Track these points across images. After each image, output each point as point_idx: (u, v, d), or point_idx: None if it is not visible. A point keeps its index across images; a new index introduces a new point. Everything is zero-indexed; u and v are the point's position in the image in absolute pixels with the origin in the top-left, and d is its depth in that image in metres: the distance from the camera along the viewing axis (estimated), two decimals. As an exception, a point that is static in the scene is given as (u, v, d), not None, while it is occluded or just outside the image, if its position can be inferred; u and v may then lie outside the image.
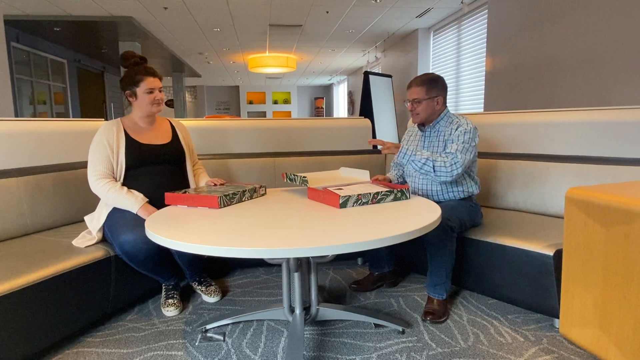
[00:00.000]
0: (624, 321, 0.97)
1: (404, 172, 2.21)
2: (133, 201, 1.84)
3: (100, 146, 1.89)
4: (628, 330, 0.96)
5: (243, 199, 1.83)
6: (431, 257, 1.88)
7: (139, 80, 1.93)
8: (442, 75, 6.49)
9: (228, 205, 1.74)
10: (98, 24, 6.37)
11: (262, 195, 1.98)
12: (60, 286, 1.60)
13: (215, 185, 2.04)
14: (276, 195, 1.96)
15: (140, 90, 1.94)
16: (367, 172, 2.03)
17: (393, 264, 2.25)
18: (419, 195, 2.07)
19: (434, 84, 1.99)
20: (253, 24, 6.70)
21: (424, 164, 1.89)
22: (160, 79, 2.01)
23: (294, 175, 1.99)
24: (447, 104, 2.40)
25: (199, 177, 2.19)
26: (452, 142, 1.94)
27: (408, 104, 2.03)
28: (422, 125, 2.11)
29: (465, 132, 1.92)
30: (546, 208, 2.22)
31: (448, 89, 6.34)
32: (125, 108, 7.20)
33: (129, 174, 1.93)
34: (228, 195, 1.74)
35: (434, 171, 1.88)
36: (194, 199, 1.73)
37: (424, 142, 2.09)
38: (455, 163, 1.87)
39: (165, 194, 1.80)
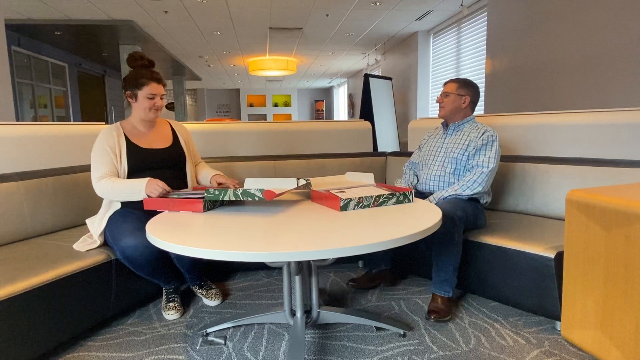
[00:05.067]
0: (625, 323, 0.96)
1: (416, 172, 2.29)
2: (138, 182, 1.79)
3: (102, 151, 1.88)
4: (629, 332, 0.96)
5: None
6: (438, 251, 1.87)
7: (143, 83, 1.92)
8: (441, 78, 6.56)
9: (212, 209, 1.71)
10: (99, 28, 6.40)
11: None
12: (61, 290, 1.60)
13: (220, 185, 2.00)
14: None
15: (142, 93, 1.93)
16: (372, 175, 2.04)
17: (390, 262, 2.27)
18: (428, 193, 2.11)
19: (467, 85, 2.12)
20: (253, 27, 6.72)
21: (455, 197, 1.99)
22: (164, 85, 2.00)
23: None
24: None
25: (201, 168, 2.17)
26: (481, 150, 2.01)
27: (438, 96, 2.16)
28: (446, 125, 2.19)
29: (493, 140, 2.01)
30: (547, 210, 2.22)
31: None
32: (125, 108, 7.22)
33: (131, 178, 1.93)
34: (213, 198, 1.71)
35: (463, 193, 1.98)
36: (175, 203, 1.69)
37: (444, 139, 2.16)
38: (481, 174, 1.97)
39: (144, 199, 1.75)
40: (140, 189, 1.79)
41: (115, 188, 1.83)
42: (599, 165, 2.07)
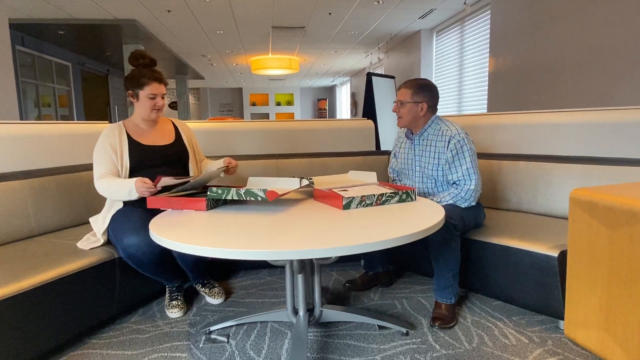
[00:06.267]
0: (629, 323, 0.96)
1: (401, 179, 2.20)
2: (127, 182, 1.78)
3: (103, 150, 1.89)
4: (633, 332, 0.95)
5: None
6: (435, 258, 1.87)
7: (144, 83, 1.92)
8: (444, 76, 6.53)
9: (215, 207, 1.71)
10: (102, 27, 6.41)
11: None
12: (64, 288, 1.61)
13: (229, 166, 1.99)
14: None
15: (143, 93, 1.93)
16: (374, 173, 2.03)
17: (387, 264, 2.26)
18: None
19: (422, 90, 1.95)
20: (256, 26, 6.72)
21: (449, 203, 1.94)
22: (166, 85, 2.00)
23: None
24: (449, 106, 2.40)
25: (205, 164, 2.17)
26: (454, 162, 1.90)
27: (394, 104, 2.02)
28: (410, 133, 2.08)
29: (462, 145, 1.88)
30: (550, 209, 2.21)
31: (450, 90, 6.34)
32: (128, 107, 7.24)
33: (133, 176, 1.93)
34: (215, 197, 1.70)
35: (457, 203, 1.93)
36: (179, 202, 1.69)
37: (414, 150, 2.05)
38: (468, 190, 1.89)
39: (147, 198, 1.72)
40: (130, 188, 1.77)
41: (112, 188, 1.83)
42: (602, 164, 2.06)
